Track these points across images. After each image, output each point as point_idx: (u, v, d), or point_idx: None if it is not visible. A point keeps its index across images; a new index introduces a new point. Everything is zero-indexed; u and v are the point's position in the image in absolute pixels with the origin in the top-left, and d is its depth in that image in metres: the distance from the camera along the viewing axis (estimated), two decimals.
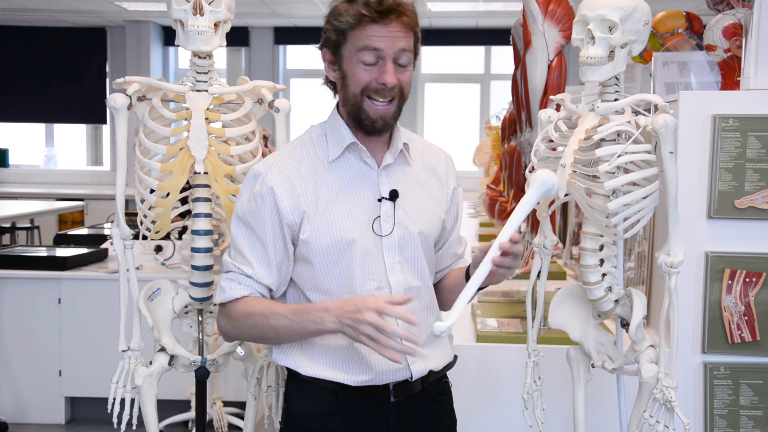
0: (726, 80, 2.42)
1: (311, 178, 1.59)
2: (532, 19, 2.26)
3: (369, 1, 1.50)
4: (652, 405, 1.61)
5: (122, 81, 1.81)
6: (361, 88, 1.54)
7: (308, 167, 1.60)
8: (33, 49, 9.49)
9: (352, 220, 1.57)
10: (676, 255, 1.58)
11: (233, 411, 3.79)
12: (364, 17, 1.50)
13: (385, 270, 1.58)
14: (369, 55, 1.52)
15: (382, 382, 1.58)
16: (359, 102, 1.56)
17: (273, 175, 1.57)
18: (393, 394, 1.60)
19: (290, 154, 1.62)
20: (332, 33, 1.56)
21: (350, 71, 1.56)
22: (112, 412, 1.89)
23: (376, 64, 1.53)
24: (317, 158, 1.61)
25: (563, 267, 3.39)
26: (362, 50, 1.52)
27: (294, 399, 1.65)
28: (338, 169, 1.60)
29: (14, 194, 8.54)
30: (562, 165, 1.58)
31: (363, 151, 1.61)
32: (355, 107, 1.57)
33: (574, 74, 1.91)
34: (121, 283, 1.90)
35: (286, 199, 1.55)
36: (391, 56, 1.52)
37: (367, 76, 1.54)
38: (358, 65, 1.54)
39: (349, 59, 1.55)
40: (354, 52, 1.54)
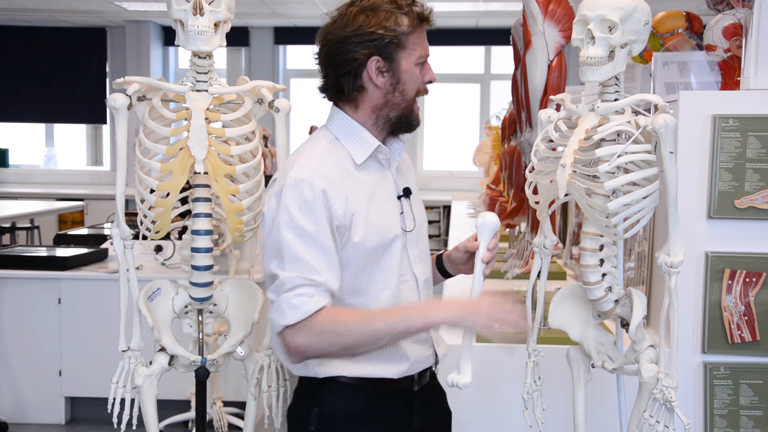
0: (726, 80, 2.42)
1: (349, 181, 1.60)
2: (532, 19, 2.26)
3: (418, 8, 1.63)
4: (652, 405, 1.61)
5: (122, 81, 1.81)
6: (420, 89, 1.66)
7: (342, 170, 1.61)
8: (33, 49, 9.49)
9: (388, 218, 1.64)
10: (676, 255, 1.58)
11: (233, 411, 3.79)
12: (420, 23, 1.62)
13: (410, 263, 1.68)
14: (424, 57, 1.65)
15: (417, 370, 1.67)
16: (412, 104, 1.66)
17: (320, 180, 1.54)
18: (417, 382, 1.69)
19: (321, 159, 1.60)
20: (393, 39, 1.59)
21: (410, 75, 1.63)
22: (112, 412, 1.89)
23: (423, 65, 1.66)
24: (343, 162, 1.63)
25: (563, 267, 3.39)
26: (422, 53, 1.64)
27: (328, 401, 1.63)
28: (365, 172, 1.64)
29: (14, 194, 8.54)
30: (562, 165, 1.58)
31: (383, 152, 1.67)
32: (408, 109, 1.66)
33: (574, 74, 1.91)
34: (121, 283, 1.90)
35: (337, 201, 1.55)
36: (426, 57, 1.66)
37: (421, 77, 1.66)
38: (416, 68, 1.64)
39: (408, 63, 1.63)
40: (415, 56, 1.63)
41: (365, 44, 1.59)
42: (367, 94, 1.64)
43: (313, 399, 1.64)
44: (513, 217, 2.92)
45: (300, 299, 1.50)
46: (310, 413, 1.63)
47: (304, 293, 1.50)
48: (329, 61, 1.67)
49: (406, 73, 1.63)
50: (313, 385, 1.64)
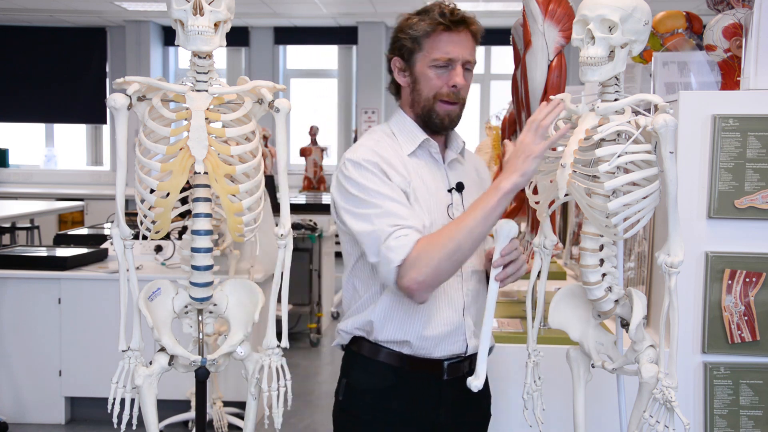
0: (726, 80, 2.42)
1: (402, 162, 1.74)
2: (532, 19, 2.26)
3: (444, 11, 1.72)
4: (652, 405, 1.61)
5: (122, 81, 1.81)
6: (435, 92, 1.74)
7: (395, 155, 1.75)
8: (33, 49, 9.50)
9: (434, 206, 1.74)
10: (676, 255, 1.58)
11: (233, 411, 3.79)
12: (438, 26, 1.71)
13: None
14: (442, 60, 1.72)
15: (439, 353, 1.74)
16: (431, 104, 1.75)
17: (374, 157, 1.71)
18: (446, 372, 1.76)
19: (375, 144, 1.76)
20: (407, 41, 1.75)
21: (423, 75, 1.75)
22: (112, 412, 1.89)
23: (447, 68, 1.73)
24: (398, 151, 1.77)
25: (563, 267, 3.39)
26: (437, 55, 1.72)
27: (355, 374, 1.81)
28: (417, 161, 1.78)
29: (14, 194, 8.55)
30: (562, 165, 1.58)
31: (433, 147, 1.81)
32: (426, 108, 1.76)
33: (574, 74, 1.91)
34: (121, 283, 1.90)
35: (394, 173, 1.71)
36: (460, 61, 1.73)
37: (439, 81, 1.74)
38: (431, 70, 1.73)
39: (422, 64, 1.75)
40: (428, 58, 1.73)
41: (393, 46, 1.80)
42: (402, 91, 1.83)
43: (344, 370, 1.85)
44: (513, 217, 2.92)
45: (396, 241, 1.63)
46: (341, 383, 1.84)
47: (399, 235, 1.63)
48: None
49: (420, 74, 1.76)
50: (347, 357, 1.84)
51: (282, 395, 1.91)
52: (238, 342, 1.91)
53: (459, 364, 1.79)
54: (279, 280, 1.88)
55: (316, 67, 9.88)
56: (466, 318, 1.78)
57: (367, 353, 1.78)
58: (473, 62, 1.77)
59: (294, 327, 5.70)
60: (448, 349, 1.77)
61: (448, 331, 1.76)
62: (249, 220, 1.85)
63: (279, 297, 1.89)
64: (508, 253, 1.63)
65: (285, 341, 1.90)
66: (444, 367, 1.77)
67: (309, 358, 5.26)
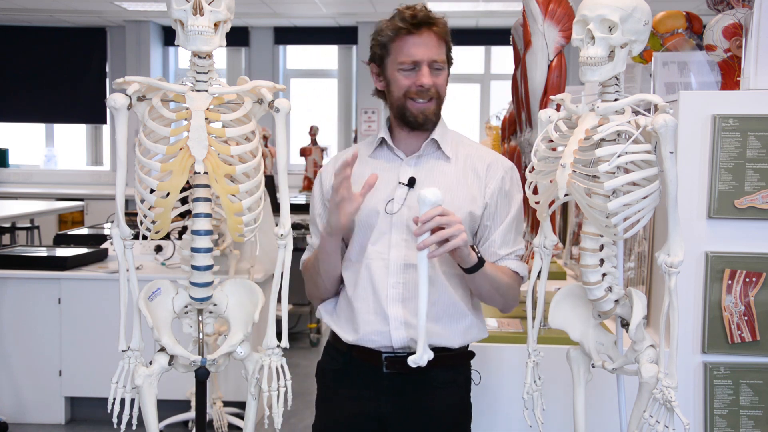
0: (726, 80, 2.42)
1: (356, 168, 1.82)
2: (532, 19, 2.26)
3: (404, 16, 1.78)
4: (652, 405, 1.61)
5: (122, 81, 1.81)
6: (403, 92, 1.81)
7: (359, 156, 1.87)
8: (33, 49, 9.49)
9: (372, 202, 1.81)
10: (676, 255, 1.58)
11: (233, 411, 3.79)
12: (401, 30, 1.78)
13: (389, 244, 1.82)
14: (407, 63, 1.79)
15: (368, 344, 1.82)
16: (403, 103, 1.83)
17: (329, 165, 1.97)
18: (385, 365, 1.81)
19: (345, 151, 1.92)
20: (377, 48, 1.85)
21: (393, 78, 1.83)
22: (112, 412, 1.89)
23: (414, 69, 1.79)
24: (363, 153, 1.91)
25: (563, 267, 3.39)
26: (401, 59, 1.79)
27: (323, 357, 2.00)
28: (373, 161, 1.90)
29: (14, 194, 8.54)
30: (562, 165, 1.58)
31: (391, 146, 1.89)
32: (400, 108, 1.84)
33: (574, 74, 1.91)
34: (121, 283, 1.90)
35: (326, 178, 1.93)
36: (426, 62, 1.78)
37: (407, 81, 1.81)
38: (399, 72, 1.81)
39: (392, 68, 1.83)
40: (396, 62, 1.81)
41: (370, 50, 1.89)
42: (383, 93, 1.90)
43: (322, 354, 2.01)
44: None
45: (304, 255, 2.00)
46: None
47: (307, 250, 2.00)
48: None
49: (391, 77, 1.84)
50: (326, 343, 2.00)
51: (282, 395, 1.91)
52: (238, 342, 1.91)
53: (398, 358, 1.78)
54: (279, 280, 1.88)
55: (316, 67, 9.88)
56: (390, 310, 1.79)
57: (330, 337, 1.97)
58: (441, 60, 1.82)
59: (294, 327, 5.70)
60: (375, 341, 1.80)
61: (372, 322, 1.80)
62: (249, 220, 1.85)
63: (279, 297, 1.89)
64: (428, 219, 1.60)
65: (285, 341, 1.90)
66: (382, 360, 1.81)
67: (309, 358, 5.26)
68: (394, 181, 1.85)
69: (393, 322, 1.80)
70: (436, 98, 1.83)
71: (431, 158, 1.88)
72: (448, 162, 1.88)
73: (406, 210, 1.81)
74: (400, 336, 1.80)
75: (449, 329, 1.84)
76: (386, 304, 1.80)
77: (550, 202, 1.72)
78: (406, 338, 1.80)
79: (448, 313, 1.85)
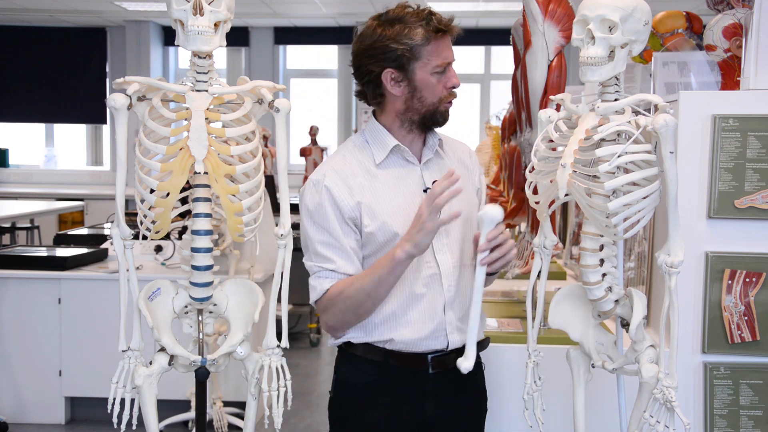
0: (726, 80, 2.42)
1: (363, 176, 1.78)
2: (532, 19, 2.26)
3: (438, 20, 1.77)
4: (652, 405, 1.61)
5: (122, 81, 1.81)
6: (440, 96, 1.78)
7: (359, 167, 1.80)
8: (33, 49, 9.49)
9: (401, 214, 1.75)
10: (676, 255, 1.58)
11: (233, 411, 3.79)
12: (436, 33, 1.75)
13: (433, 252, 1.78)
14: (442, 66, 1.76)
15: (422, 349, 1.77)
16: (436, 107, 1.79)
17: (328, 179, 1.77)
18: (431, 365, 1.78)
19: (341, 159, 1.82)
20: (405, 51, 1.73)
21: (426, 82, 1.76)
22: (112, 412, 1.89)
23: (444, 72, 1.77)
24: (366, 161, 1.81)
25: (563, 267, 3.39)
26: (438, 62, 1.75)
27: (343, 370, 1.86)
28: (386, 170, 1.81)
29: (14, 194, 8.54)
30: (562, 165, 1.58)
31: (405, 151, 1.81)
32: (433, 111, 1.79)
33: (574, 74, 1.91)
34: (121, 283, 1.90)
35: (341, 195, 1.75)
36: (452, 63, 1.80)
37: (440, 85, 1.77)
38: (433, 77, 1.76)
39: (423, 72, 1.76)
40: (430, 65, 1.75)
41: (379, 57, 1.75)
42: (389, 100, 1.81)
43: (335, 367, 1.89)
44: (513, 217, 2.92)
45: (316, 281, 1.77)
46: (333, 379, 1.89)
47: (319, 276, 1.77)
48: (354, 72, 1.84)
49: (422, 81, 1.76)
50: (338, 353, 1.88)
51: (282, 395, 1.91)
52: (238, 342, 1.91)
53: (444, 357, 1.80)
54: (279, 280, 1.88)
55: (316, 67, 9.88)
56: (447, 314, 1.79)
57: (353, 349, 1.82)
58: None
59: (294, 327, 5.70)
60: (429, 345, 1.79)
61: (429, 329, 1.78)
62: (249, 220, 1.85)
63: (279, 297, 1.89)
64: (493, 238, 1.65)
65: (285, 341, 1.90)
66: (428, 361, 1.79)
67: (309, 358, 5.26)
68: (413, 188, 1.80)
69: (449, 327, 1.80)
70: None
71: (435, 159, 1.87)
72: (444, 159, 1.88)
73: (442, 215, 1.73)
74: (456, 339, 1.80)
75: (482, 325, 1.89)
76: (443, 309, 1.79)
77: (550, 202, 1.72)
78: (460, 341, 1.79)
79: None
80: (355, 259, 1.77)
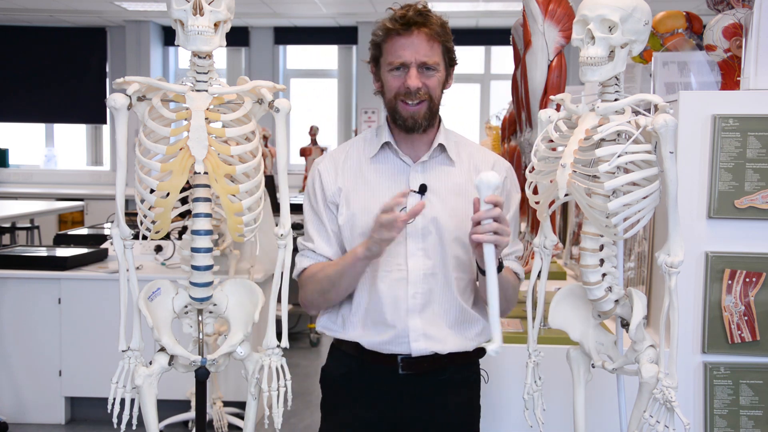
0: (726, 80, 2.42)
1: (354, 168, 1.84)
2: (532, 19, 2.26)
3: (395, 16, 1.75)
4: (652, 405, 1.61)
5: (122, 81, 1.81)
6: (393, 93, 1.78)
7: (354, 160, 1.85)
8: (33, 49, 9.49)
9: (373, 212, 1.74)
10: (676, 255, 1.58)
11: (233, 411, 3.79)
12: (390, 31, 1.75)
13: (406, 254, 1.77)
14: (395, 64, 1.75)
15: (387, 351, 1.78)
16: (394, 105, 1.79)
17: (323, 163, 1.88)
18: (401, 366, 1.78)
19: (342, 149, 1.91)
20: (372, 48, 1.82)
21: (385, 79, 1.80)
22: (112, 412, 1.89)
23: (402, 71, 1.75)
24: (363, 154, 1.86)
25: (563, 267, 3.39)
26: (390, 59, 1.76)
27: (327, 361, 1.94)
28: (377, 164, 1.84)
29: (14, 194, 8.54)
30: (562, 165, 1.58)
31: (397, 150, 1.82)
32: (391, 110, 1.81)
33: (574, 74, 1.91)
34: (121, 283, 1.90)
35: (327, 178, 1.84)
36: (414, 63, 1.74)
37: (397, 83, 1.77)
38: (389, 73, 1.78)
39: (383, 69, 1.80)
40: (386, 63, 1.78)
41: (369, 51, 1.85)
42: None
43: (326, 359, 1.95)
44: None
45: (298, 260, 1.89)
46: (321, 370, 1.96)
47: (302, 255, 1.89)
48: None
49: (383, 78, 1.81)
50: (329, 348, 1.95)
51: (282, 395, 1.91)
52: (238, 342, 1.91)
53: (413, 362, 1.78)
54: (279, 280, 1.88)
55: (316, 67, 9.88)
56: (410, 321, 1.77)
57: (335, 342, 1.91)
58: (433, 62, 1.75)
59: (294, 327, 5.70)
60: (392, 349, 1.78)
61: (390, 334, 1.78)
62: (249, 220, 1.85)
63: (279, 297, 1.89)
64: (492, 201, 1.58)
65: (285, 341, 1.90)
66: (398, 362, 1.78)
67: (309, 358, 5.26)
68: (399, 188, 1.79)
69: (412, 334, 1.77)
70: (428, 100, 1.77)
71: (437, 163, 1.84)
72: (453, 166, 1.84)
73: (420, 218, 1.74)
74: (420, 347, 1.78)
75: (463, 336, 1.83)
76: (406, 316, 1.77)
77: (550, 202, 1.72)
78: (426, 350, 1.78)
79: (462, 320, 1.83)
80: (335, 242, 1.84)
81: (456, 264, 1.80)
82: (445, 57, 1.80)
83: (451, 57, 1.82)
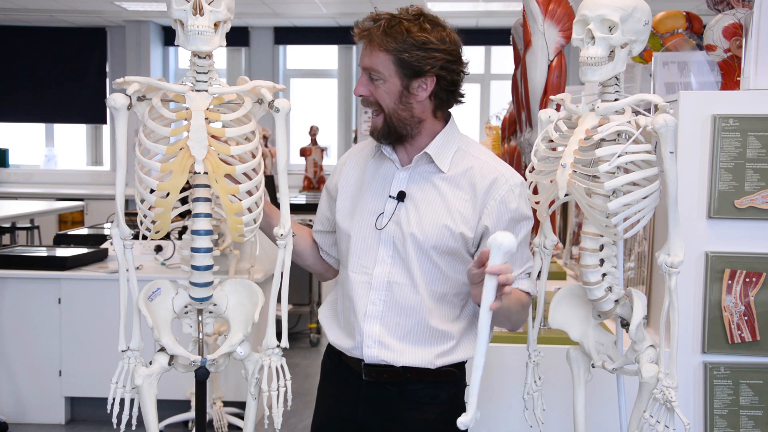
0: (726, 80, 2.42)
1: (360, 163, 1.87)
2: (532, 19, 2.26)
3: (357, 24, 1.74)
4: (652, 405, 1.61)
5: (122, 81, 1.80)
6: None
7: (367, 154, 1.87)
8: (33, 49, 9.49)
9: (361, 214, 1.79)
10: (676, 255, 1.58)
11: (233, 411, 3.79)
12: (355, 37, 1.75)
13: (375, 260, 1.76)
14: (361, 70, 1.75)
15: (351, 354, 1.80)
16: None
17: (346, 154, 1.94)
18: (364, 372, 1.78)
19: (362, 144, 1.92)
20: None
21: None
22: (111, 412, 1.88)
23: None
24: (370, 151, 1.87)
25: (563, 267, 3.39)
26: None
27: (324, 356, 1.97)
28: (375, 165, 1.84)
29: (14, 194, 8.54)
30: (562, 165, 1.58)
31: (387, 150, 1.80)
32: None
33: (574, 74, 1.91)
34: (121, 283, 1.90)
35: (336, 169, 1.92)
36: (365, 71, 1.73)
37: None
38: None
39: None
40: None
41: None
42: None
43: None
44: None
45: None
46: None
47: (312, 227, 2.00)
48: None
49: None
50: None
51: (282, 395, 1.91)
52: (238, 342, 1.91)
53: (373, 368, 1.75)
54: (279, 280, 1.88)
55: (316, 67, 9.88)
56: (366, 326, 1.74)
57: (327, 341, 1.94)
58: (376, 70, 1.68)
59: (294, 327, 5.70)
60: (354, 353, 1.78)
61: (351, 337, 1.79)
62: (249, 220, 1.85)
63: (279, 297, 1.89)
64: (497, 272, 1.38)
65: (285, 341, 1.90)
66: (361, 367, 1.77)
67: (309, 358, 5.26)
68: (385, 191, 1.78)
69: (367, 340, 1.74)
70: (383, 112, 1.71)
71: (424, 170, 1.75)
72: (442, 175, 1.73)
73: (393, 225, 1.73)
74: (372, 354, 1.74)
75: (426, 351, 1.73)
76: (363, 320, 1.75)
77: (550, 202, 1.72)
78: (378, 358, 1.74)
79: (429, 334, 1.74)
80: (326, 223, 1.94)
81: (428, 275, 1.72)
82: (398, 67, 1.67)
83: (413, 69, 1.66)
